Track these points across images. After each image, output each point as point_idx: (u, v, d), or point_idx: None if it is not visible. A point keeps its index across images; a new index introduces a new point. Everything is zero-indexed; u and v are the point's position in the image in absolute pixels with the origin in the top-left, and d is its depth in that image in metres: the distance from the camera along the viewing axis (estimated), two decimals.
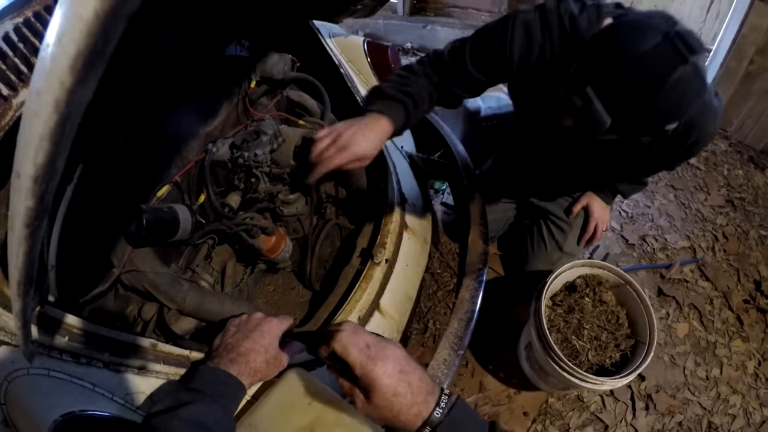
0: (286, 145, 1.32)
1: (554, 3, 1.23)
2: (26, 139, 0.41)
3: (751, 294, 2.35)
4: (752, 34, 2.92)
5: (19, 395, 0.90)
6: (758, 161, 3.15)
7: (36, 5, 1.05)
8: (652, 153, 1.31)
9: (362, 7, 1.58)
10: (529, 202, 1.99)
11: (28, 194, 0.44)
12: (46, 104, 0.39)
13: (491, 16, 3.80)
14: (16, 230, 0.47)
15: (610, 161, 1.51)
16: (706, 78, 0.98)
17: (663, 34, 0.92)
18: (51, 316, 0.95)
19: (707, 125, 1.28)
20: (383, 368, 0.72)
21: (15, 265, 0.52)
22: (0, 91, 0.98)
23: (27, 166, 0.42)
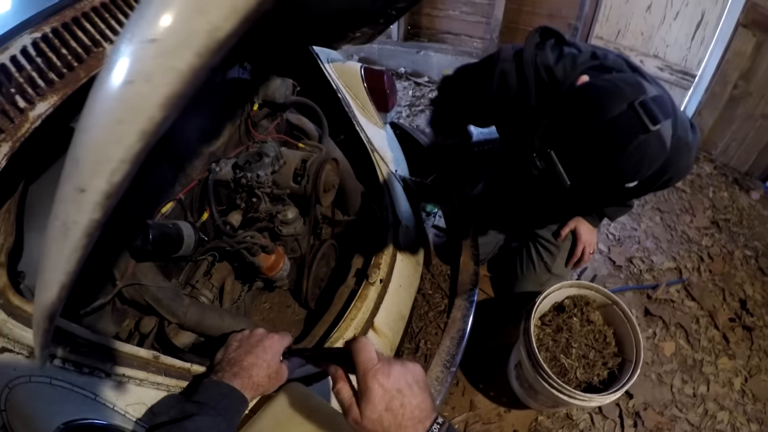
0: (286, 167, 1.38)
1: (531, 55, 1.29)
2: (98, 160, 0.46)
3: (737, 312, 2.41)
4: (736, 60, 3.03)
5: (21, 402, 0.91)
6: (743, 183, 3.24)
7: (54, 22, 1.09)
8: (628, 189, 1.36)
9: (360, 35, 1.65)
10: (519, 225, 2.05)
11: (97, 208, 0.48)
12: (131, 133, 0.44)
13: (483, 42, 3.90)
14: (72, 239, 0.51)
15: (587, 198, 1.57)
16: (668, 143, 1.02)
17: (628, 104, 0.97)
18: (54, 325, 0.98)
19: (680, 162, 1.33)
20: (383, 380, 0.73)
21: (62, 270, 0.55)
22: (17, 104, 1.00)
23: (100, 184, 0.46)
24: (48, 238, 0.55)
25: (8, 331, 0.94)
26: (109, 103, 0.45)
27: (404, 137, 2.10)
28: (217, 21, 0.41)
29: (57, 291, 0.59)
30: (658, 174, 1.24)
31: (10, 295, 0.98)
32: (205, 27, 0.41)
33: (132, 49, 0.43)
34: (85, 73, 1.10)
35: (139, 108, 0.44)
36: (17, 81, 1.02)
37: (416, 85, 4.01)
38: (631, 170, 1.02)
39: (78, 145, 0.47)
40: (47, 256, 0.57)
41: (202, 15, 0.41)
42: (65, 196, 0.50)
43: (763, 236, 2.89)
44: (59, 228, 0.51)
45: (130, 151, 0.45)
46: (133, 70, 0.43)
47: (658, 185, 1.42)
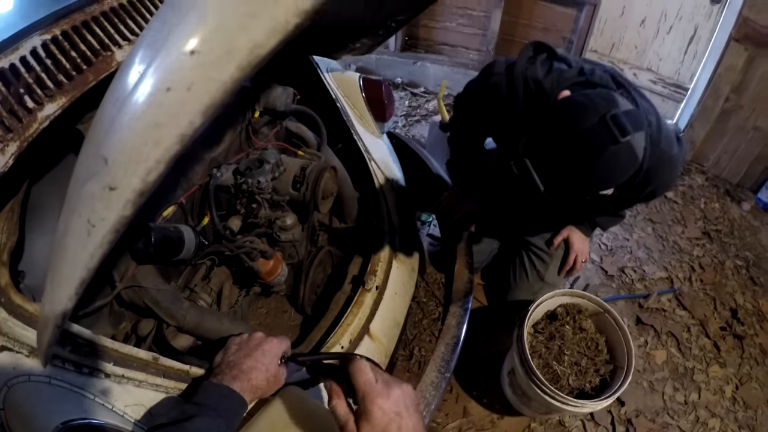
0: (286, 174, 1.40)
1: (522, 68, 1.37)
2: (133, 160, 0.48)
3: (728, 321, 2.44)
4: (728, 74, 3.09)
5: (19, 401, 0.92)
6: (734, 194, 3.29)
7: (64, 25, 1.12)
8: (613, 200, 1.37)
9: (360, 45, 1.69)
10: (512, 234, 2.08)
11: (128, 205, 0.51)
12: (170, 136, 0.47)
13: (480, 54, 3.95)
14: (98, 235, 0.53)
15: (566, 205, 1.60)
16: (640, 153, 1.09)
17: (599, 117, 1.04)
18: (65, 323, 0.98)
19: (664, 175, 1.38)
20: (382, 402, 0.75)
21: (84, 266, 0.57)
22: (25, 104, 1.02)
23: (134, 182, 0.49)
24: (65, 235, 0.57)
25: (8, 330, 0.94)
26: (143, 107, 0.47)
27: (401, 147, 2.13)
28: (260, 39, 0.44)
29: (76, 287, 0.60)
30: (641, 185, 1.31)
31: (11, 293, 0.98)
32: (247, 44, 0.44)
33: (167, 58, 0.46)
34: (93, 76, 1.13)
35: (179, 113, 0.47)
36: (26, 81, 1.04)
37: (413, 96, 4.05)
38: (603, 178, 1.09)
39: (105, 146, 0.50)
40: (65, 253, 0.59)
41: (245, 32, 0.44)
42: (89, 194, 0.52)
43: (753, 246, 2.93)
44: (81, 225, 0.54)
45: (168, 153, 0.48)
46: (171, 78, 0.46)
47: (643, 196, 1.47)
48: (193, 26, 0.45)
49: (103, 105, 0.67)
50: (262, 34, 0.44)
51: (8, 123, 1.00)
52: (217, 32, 0.45)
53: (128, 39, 1.23)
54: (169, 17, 0.50)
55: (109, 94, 0.66)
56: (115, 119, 0.51)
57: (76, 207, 0.57)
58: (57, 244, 0.66)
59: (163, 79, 0.46)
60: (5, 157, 0.98)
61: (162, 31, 0.51)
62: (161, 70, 0.47)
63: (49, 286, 0.73)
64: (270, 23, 0.44)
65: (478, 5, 3.74)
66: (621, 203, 1.56)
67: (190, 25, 0.46)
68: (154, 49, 0.49)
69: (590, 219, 1.88)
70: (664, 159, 1.32)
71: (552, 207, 1.59)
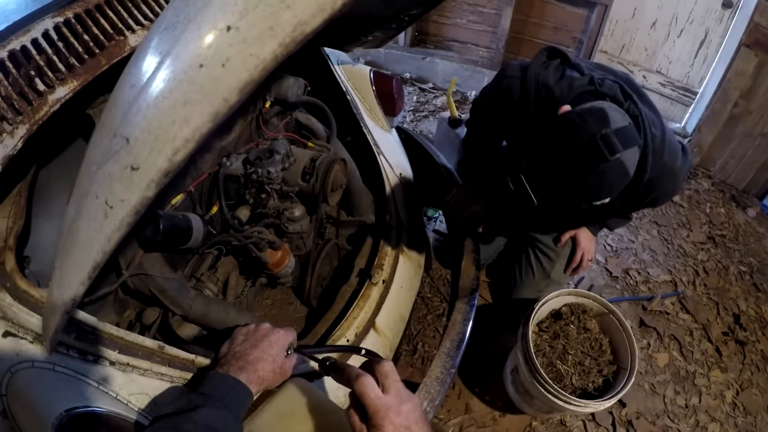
0: (296, 165, 1.39)
1: (534, 73, 1.41)
2: (159, 138, 0.47)
3: (730, 327, 2.44)
4: (737, 79, 3.07)
5: (22, 388, 0.91)
6: (740, 200, 3.28)
7: (77, 8, 1.11)
8: (613, 207, 1.43)
9: (372, 38, 1.68)
10: (521, 231, 2.08)
11: (152, 185, 0.50)
12: (202, 113, 0.46)
13: (489, 52, 3.93)
14: (116, 217, 0.52)
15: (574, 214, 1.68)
16: (631, 168, 1.15)
17: (590, 136, 1.09)
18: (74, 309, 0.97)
19: (665, 186, 1.44)
20: (394, 418, 0.76)
21: (99, 249, 0.56)
22: (36, 87, 1.01)
23: (159, 161, 0.48)
24: (77, 218, 0.56)
25: (13, 315, 0.93)
26: (170, 85, 0.46)
27: (409, 142, 2.13)
28: (304, 16, 0.43)
29: (89, 271, 0.59)
30: (643, 194, 1.39)
31: (17, 279, 0.97)
32: (292, 21, 0.43)
33: (198, 36, 0.44)
34: (106, 60, 1.12)
35: (213, 90, 0.45)
36: (37, 64, 1.02)
37: (421, 91, 4.04)
38: (595, 191, 1.15)
39: (126, 126, 0.49)
40: (77, 236, 0.57)
41: (288, 9, 0.43)
42: (107, 175, 0.51)
43: (758, 253, 2.92)
44: (97, 207, 0.53)
45: (199, 132, 0.47)
46: (203, 54, 0.44)
47: (645, 203, 1.53)
48: (232, 2, 0.44)
49: (118, 89, 0.66)
50: (308, 12, 0.43)
51: (18, 105, 0.99)
52: (258, 9, 0.43)
53: (141, 24, 1.22)
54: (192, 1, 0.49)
55: (124, 79, 0.64)
56: (136, 100, 0.49)
57: (90, 189, 0.56)
58: (67, 228, 0.65)
59: (194, 55, 0.45)
60: (14, 140, 0.97)
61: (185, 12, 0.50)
62: (191, 47, 0.45)
63: (58, 270, 0.71)
64: (317, 1, 0.43)
65: (489, 3, 3.72)
66: (624, 209, 1.59)
67: (225, 1, 0.44)
68: (178, 30, 0.47)
69: (596, 222, 1.88)
70: (667, 171, 1.37)
71: (554, 214, 1.64)
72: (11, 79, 1.00)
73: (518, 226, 2.02)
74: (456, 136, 2.59)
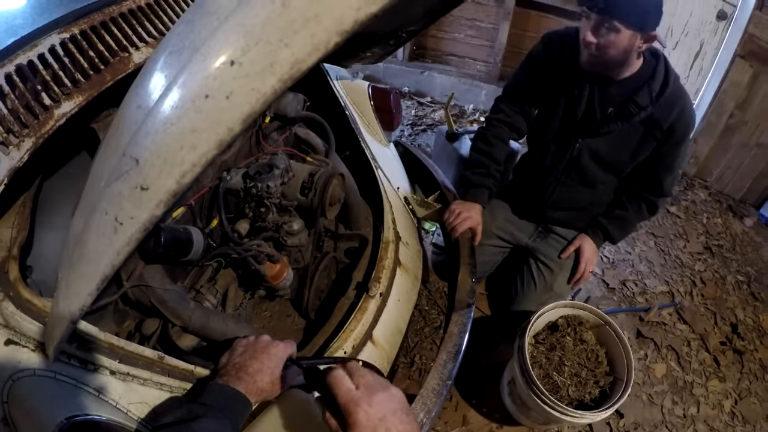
0: (295, 179, 1.42)
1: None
2: (168, 162, 0.50)
3: (728, 336, 2.45)
4: (732, 90, 3.12)
5: (24, 395, 0.91)
6: (736, 210, 3.31)
7: (83, 24, 1.13)
8: (647, 123, 1.67)
9: (371, 54, 1.71)
10: (521, 246, 2.10)
11: (160, 205, 0.53)
12: (209, 141, 0.49)
13: (487, 66, 3.98)
14: (126, 233, 0.55)
15: (614, 153, 1.78)
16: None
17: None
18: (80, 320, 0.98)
19: (686, 99, 1.66)
20: (365, 409, 0.74)
21: (108, 263, 0.59)
22: (42, 101, 1.03)
23: (168, 183, 0.51)
24: (87, 231, 0.58)
25: (16, 324, 0.94)
26: (178, 112, 0.49)
27: (407, 156, 2.15)
28: (301, 55, 0.46)
29: (97, 283, 0.61)
30: (669, 104, 1.62)
31: (20, 288, 0.98)
32: (290, 59, 0.46)
33: (205, 67, 0.47)
34: (110, 76, 1.14)
35: (218, 120, 0.48)
36: (43, 78, 1.05)
37: (419, 105, 4.09)
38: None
39: (135, 147, 0.51)
40: (86, 250, 0.60)
41: (287, 48, 0.46)
42: (117, 193, 0.54)
43: (755, 262, 2.94)
44: (107, 223, 0.55)
45: (204, 158, 0.50)
46: (210, 86, 0.47)
47: (669, 124, 1.66)
48: (234, 37, 0.47)
49: (125, 108, 0.68)
50: (304, 51, 0.46)
51: (25, 119, 1.01)
52: (259, 46, 0.46)
53: (146, 41, 1.25)
54: (197, 27, 0.52)
55: (131, 98, 0.67)
56: (144, 123, 0.52)
57: (99, 205, 0.58)
58: (74, 240, 0.67)
59: (201, 86, 0.48)
60: (20, 153, 0.99)
61: (190, 38, 0.53)
62: (198, 77, 0.48)
63: (64, 281, 0.73)
64: (311, 41, 0.46)
65: (487, 17, 3.78)
66: (654, 127, 1.69)
67: (229, 34, 0.48)
68: (184, 57, 0.50)
69: (602, 226, 1.95)
70: (683, 91, 1.66)
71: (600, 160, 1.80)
72: (18, 93, 1.02)
73: (540, 213, 2.05)
74: (453, 150, 2.62)
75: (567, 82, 1.73)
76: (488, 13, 3.75)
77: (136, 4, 1.28)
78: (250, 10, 0.47)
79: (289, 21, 0.46)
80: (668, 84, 1.61)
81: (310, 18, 0.45)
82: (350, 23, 0.46)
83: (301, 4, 0.46)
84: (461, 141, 2.65)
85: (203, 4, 0.60)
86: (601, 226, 1.95)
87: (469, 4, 3.73)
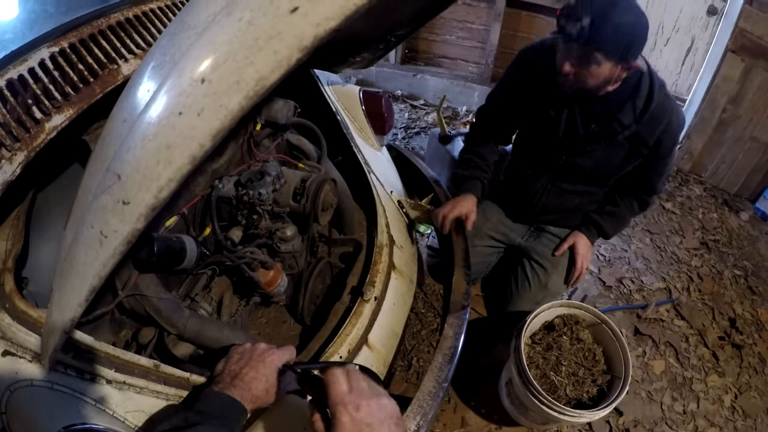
0: (286, 186, 1.42)
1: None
2: (146, 177, 0.52)
3: (726, 331, 2.45)
4: (725, 85, 3.13)
5: (22, 405, 0.93)
6: (732, 204, 3.32)
7: (72, 37, 1.15)
8: (632, 140, 1.64)
9: (361, 59, 1.72)
10: (514, 246, 2.11)
11: (141, 219, 0.55)
12: (182, 156, 0.51)
13: (479, 67, 4.00)
14: (110, 246, 0.56)
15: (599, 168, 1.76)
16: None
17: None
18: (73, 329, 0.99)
19: (673, 112, 1.60)
20: (352, 412, 0.74)
21: (96, 274, 0.60)
22: (33, 115, 1.04)
23: (147, 198, 0.53)
24: (76, 244, 0.59)
25: (12, 335, 0.95)
26: (155, 129, 0.51)
27: (400, 160, 2.16)
28: (264, 72, 0.48)
29: (86, 294, 0.63)
30: (655, 118, 1.58)
31: (16, 299, 0.99)
32: (254, 76, 0.48)
33: (179, 84, 0.49)
34: (100, 88, 1.16)
35: (190, 136, 0.50)
36: (34, 92, 1.06)
37: (412, 108, 4.10)
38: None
39: (118, 162, 0.53)
40: (75, 262, 0.61)
41: (252, 65, 0.48)
42: (102, 207, 0.55)
43: (752, 256, 2.95)
44: (93, 236, 0.57)
45: (179, 173, 0.52)
46: (183, 103, 0.49)
47: (656, 138, 1.64)
48: (204, 55, 0.49)
49: (112, 122, 0.70)
50: (267, 68, 0.48)
51: (16, 133, 1.02)
52: (226, 63, 0.48)
53: (134, 53, 1.26)
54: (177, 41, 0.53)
55: (117, 112, 0.68)
56: (127, 138, 0.54)
57: (86, 218, 0.60)
58: (65, 253, 0.68)
59: (175, 103, 0.50)
60: (13, 166, 1.00)
61: (171, 53, 0.54)
62: (173, 94, 0.50)
63: (57, 293, 0.75)
64: (274, 57, 0.47)
65: (478, 19, 3.79)
66: (639, 144, 1.67)
67: (200, 52, 0.49)
68: (164, 71, 0.52)
69: (595, 222, 1.95)
70: (670, 98, 1.60)
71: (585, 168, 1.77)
72: (9, 107, 1.03)
73: (530, 213, 2.05)
74: (446, 152, 2.63)
75: (545, 99, 1.69)
76: (479, 15, 3.77)
77: (124, 17, 1.29)
78: (220, 29, 0.49)
79: (254, 39, 0.47)
80: (653, 99, 1.56)
81: (273, 35, 0.47)
82: (310, 39, 0.48)
83: (265, 22, 0.48)
84: (454, 143, 2.66)
85: (184, 17, 0.61)
86: (594, 222, 1.95)
87: (460, 6, 3.75)
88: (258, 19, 0.48)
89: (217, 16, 0.50)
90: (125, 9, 1.32)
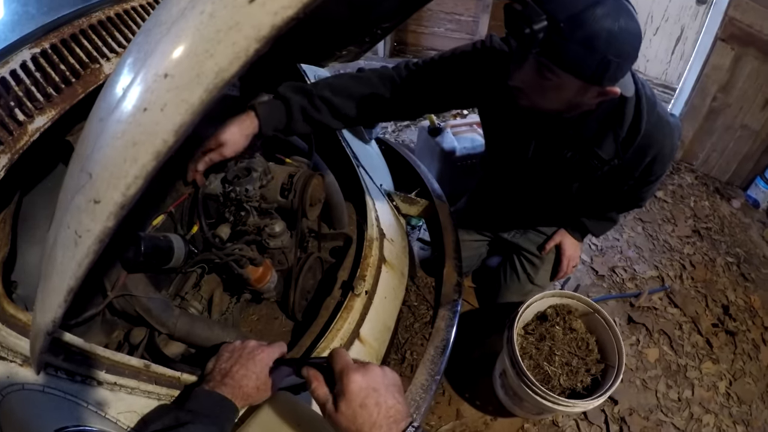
0: (274, 182, 1.41)
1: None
2: (114, 175, 0.52)
3: (720, 318, 2.47)
4: (714, 73, 3.14)
5: (14, 410, 0.92)
6: (723, 192, 3.33)
7: (53, 38, 1.13)
8: (614, 172, 1.43)
9: (347, 53, 1.71)
10: (502, 239, 2.11)
11: (111, 217, 0.55)
12: (147, 153, 0.52)
13: None
14: (84, 245, 0.56)
15: (574, 183, 1.56)
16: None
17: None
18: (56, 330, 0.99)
19: (664, 141, 1.35)
20: (359, 377, 0.77)
21: (72, 275, 0.60)
22: (16, 117, 1.03)
23: (115, 196, 0.54)
24: (55, 245, 0.59)
25: (2, 339, 0.94)
26: (123, 126, 0.51)
27: (389, 152, 2.16)
28: (223, 64, 0.48)
29: (65, 295, 0.63)
30: (642, 148, 1.34)
31: (4, 303, 0.99)
32: (214, 68, 0.48)
33: (145, 80, 0.49)
34: (82, 88, 1.14)
35: (154, 132, 0.50)
36: (16, 94, 1.05)
37: None
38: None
39: (90, 161, 0.53)
40: (55, 262, 0.61)
41: (211, 58, 0.47)
42: (76, 207, 0.55)
43: (744, 243, 2.96)
44: (69, 236, 0.57)
45: (145, 170, 0.52)
46: (147, 99, 0.49)
47: (642, 169, 1.42)
48: (168, 49, 0.49)
49: (89, 120, 0.69)
50: (226, 60, 0.48)
51: None
52: (188, 57, 0.48)
53: (115, 51, 1.25)
54: (150, 37, 0.53)
55: (94, 111, 0.68)
56: (99, 136, 0.54)
57: (64, 219, 0.60)
58: (47, 254, 0.68)
59: (141, 99, 0.50)
60: None
61: (144, 49, 0.54)
62: (140, 90, 0.50)
63: (40, 294, 0.74)
64: (232, 49, 0.47)
65: (467, 10, 3.79)
66: (621, 181, 1.49)
67: (165, 47, 0.49)
68: (137, 68, 0.51)
69: (580, 224, 1.91)
70: (662, 123, 1.33)
71: (558, 181, 1.56)
72: None
73: (500, 227, 2.04)
74: (436, 144, 2.63)
75: (508, 106, 1.34)
76: (468, 6, 3.76)
77: (105, 15, 1.27)
78: (185, 23, 0.49)
79: (215, 31, 0.47)
80: (640, 129, 1.29)
81: (232, 26, 0.47)
82: (268, 28, 0.47)
83: (225, 13, 0.47)
84: (443, 135, 2.66)
85: (158, 13, 0.60)
86: (581, 223, 1.93)
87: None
88: (219, 11, 0.47)
89: (185, 11, 0.49)
90: (106, 8, 1.30)
